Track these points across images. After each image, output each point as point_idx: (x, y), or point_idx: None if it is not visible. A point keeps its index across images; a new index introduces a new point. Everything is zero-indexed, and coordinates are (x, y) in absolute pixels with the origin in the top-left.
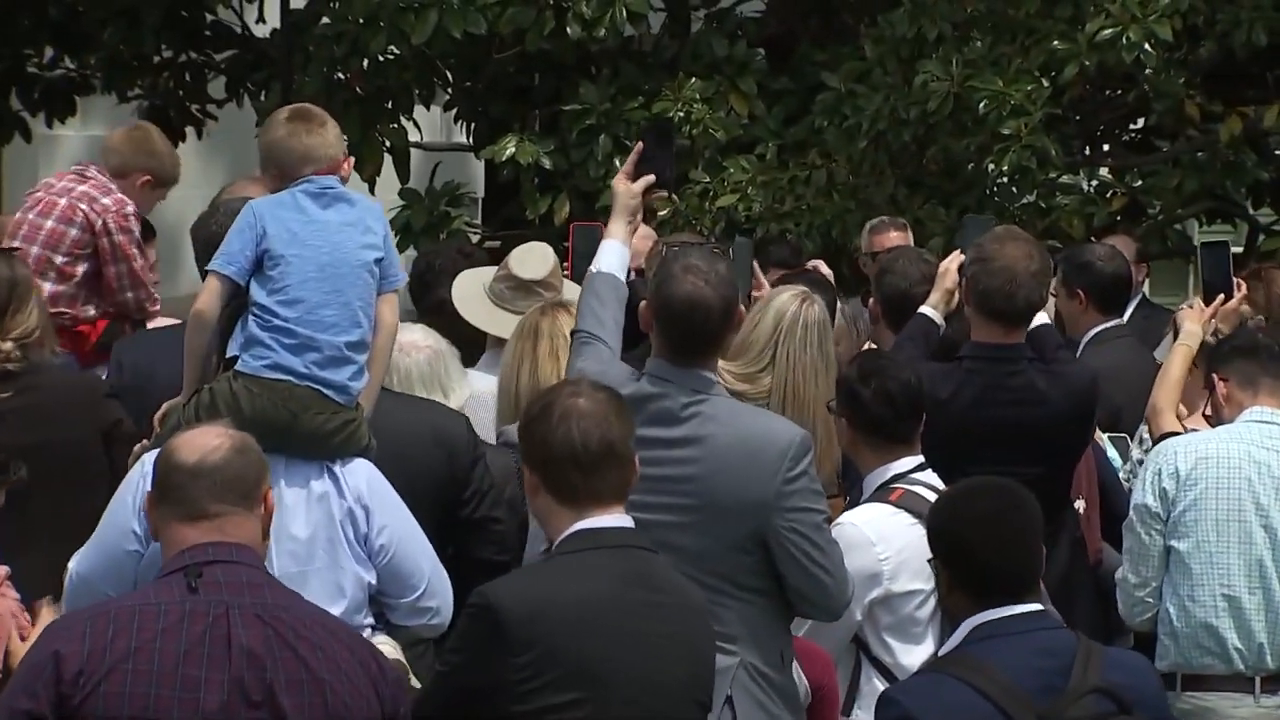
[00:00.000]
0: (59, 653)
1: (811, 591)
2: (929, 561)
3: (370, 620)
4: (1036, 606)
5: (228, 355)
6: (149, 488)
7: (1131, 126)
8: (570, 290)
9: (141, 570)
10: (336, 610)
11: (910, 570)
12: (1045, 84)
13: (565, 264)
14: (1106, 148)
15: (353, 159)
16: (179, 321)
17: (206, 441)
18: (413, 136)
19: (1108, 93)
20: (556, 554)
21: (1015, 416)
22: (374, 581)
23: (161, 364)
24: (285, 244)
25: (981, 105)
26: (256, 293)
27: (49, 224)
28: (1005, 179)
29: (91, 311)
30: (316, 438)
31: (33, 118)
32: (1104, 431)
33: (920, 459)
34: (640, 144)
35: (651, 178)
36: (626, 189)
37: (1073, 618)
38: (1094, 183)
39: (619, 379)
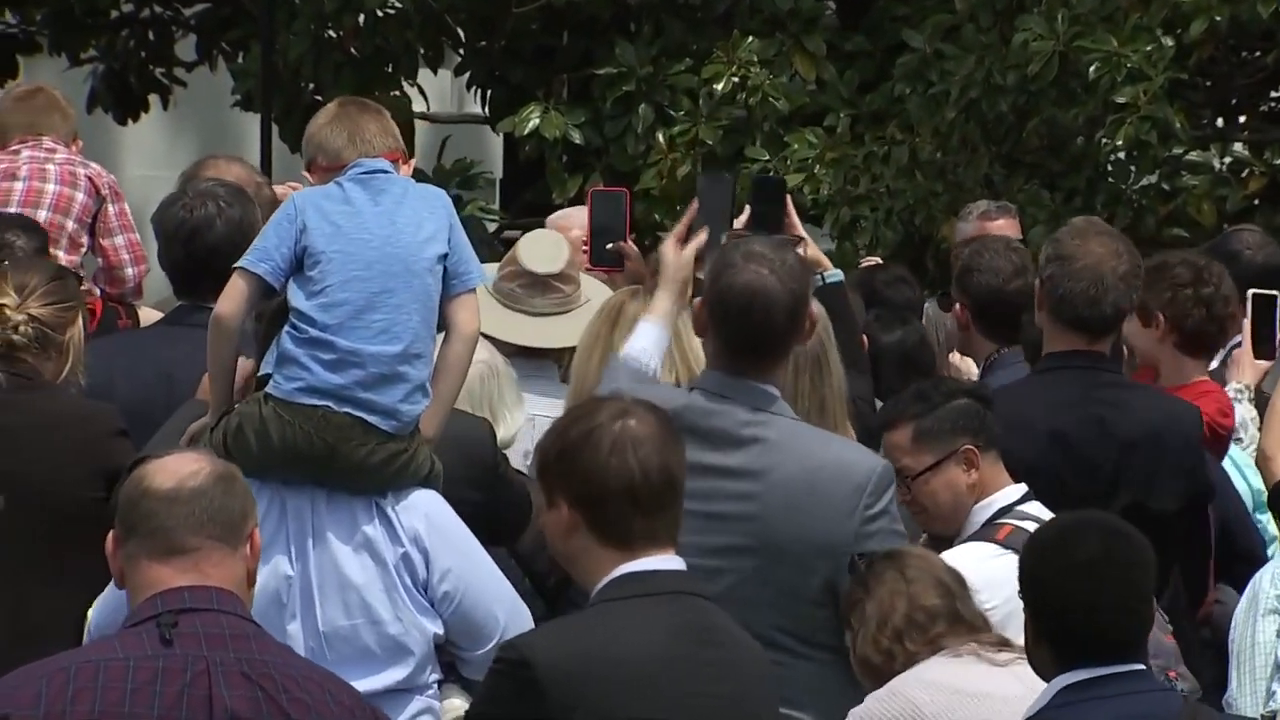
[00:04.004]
0: (8, 718)
1: None
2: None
3: (438, 675)
4: (1137, 666)
5: (260, 373)
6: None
7: (1271, 94)
8: (590, 284)
9: None
10: (402, 671)
11: (1021, 622)
12: (1168, 43)
13: (584, 240)
14: (1242, 119)
15: (413, 162)
16: (147, 325)
17: (184, 467)
18: (418, 106)
19: (1243, 54)
20: (599, 601)
21: (1100, 435)
22: (440, 632)
23: (120, 375)
24: (327, 239)
25: (1092, 69)
26: (295, 296)
27: (51, 187)
28: (1121, 156)
29: (97, 290)
30: (360, 471)
31: None
32: None
33: (1024, 488)
34: (695, 200)
35: (702, 240)
36: (676, 257)
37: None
38: (1226, 160)
39: (666, 395)
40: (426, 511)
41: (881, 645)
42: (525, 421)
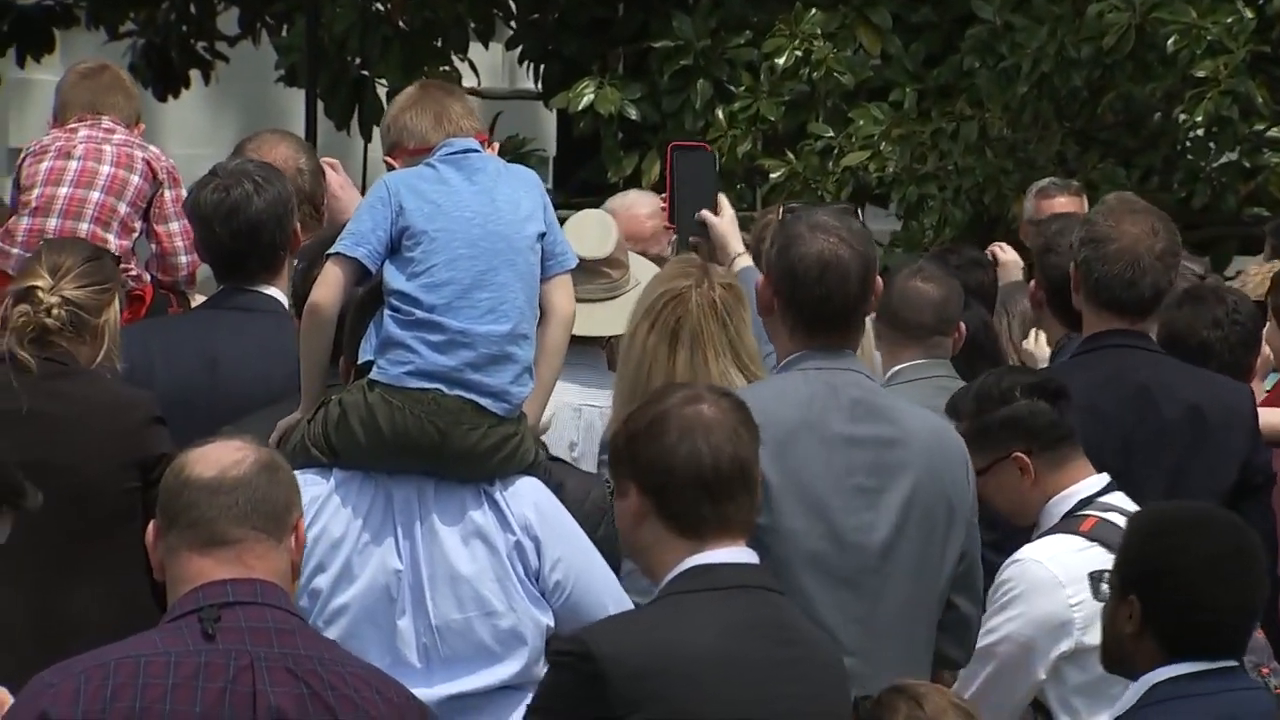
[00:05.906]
0: (46, 715)
1: (969, 629)
2: (1093, 577)
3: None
4: (1231, 662)
5: (360, 361)
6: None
7: None
8: (638, 265)
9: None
10: (517, 664)
11: None
12: (1249, 15)
13: (662, 198)
14: None
15: (497, 145)
16: (195, 308)
17: (226, 455)
18: (468, 82)
19: None
20: (666, 594)
21: (1140, 410)
22: (552, 624)
23: (160, 360)
24: (427, 219)
25: (1170, 42)
26: (394, 278)
27: (106, 168)
28: (1199, 132)
29: (147, 276)
30: (471, 457)
31: (1, 56)
32: None
33: (1106, 478)
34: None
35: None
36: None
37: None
38: None
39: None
40: (535, 500)
41: None
42: (571, 411)
